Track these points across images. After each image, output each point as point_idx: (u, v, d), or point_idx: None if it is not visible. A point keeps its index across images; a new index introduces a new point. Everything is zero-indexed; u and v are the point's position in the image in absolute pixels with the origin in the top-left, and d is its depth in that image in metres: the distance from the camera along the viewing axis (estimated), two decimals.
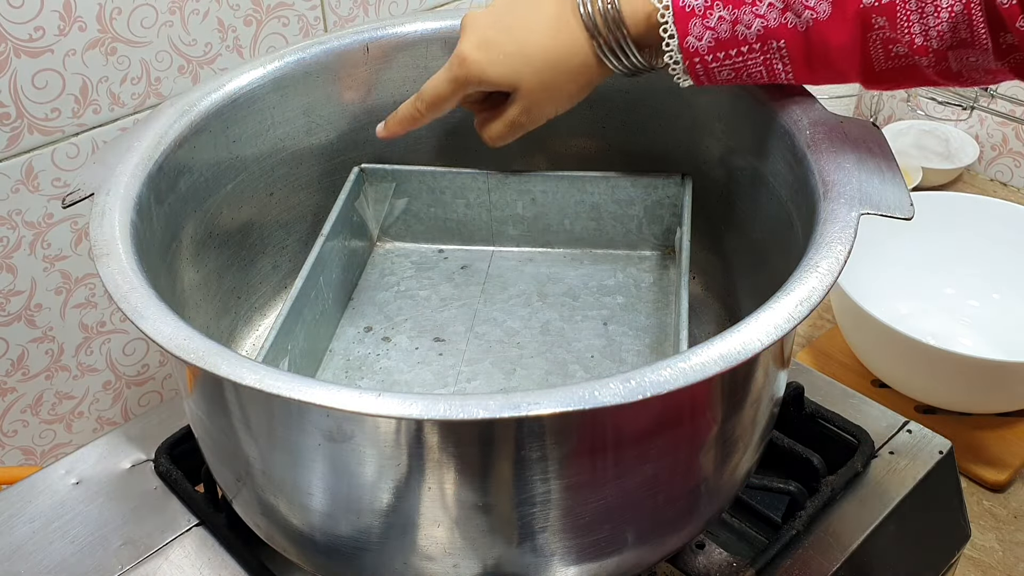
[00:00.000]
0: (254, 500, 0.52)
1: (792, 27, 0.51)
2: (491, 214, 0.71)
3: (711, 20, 0.52)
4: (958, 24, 0.48)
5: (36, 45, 0.70)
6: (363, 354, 0.64)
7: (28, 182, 0.73)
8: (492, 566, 0.48)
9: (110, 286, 0.47)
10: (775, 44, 0.52)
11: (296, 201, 0.71)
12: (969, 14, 0.48)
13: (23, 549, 0.60)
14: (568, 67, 0.57)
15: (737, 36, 0.52)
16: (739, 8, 0.51)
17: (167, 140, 0.59)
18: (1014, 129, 1.29)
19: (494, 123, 0.62)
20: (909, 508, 0.63)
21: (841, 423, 0.67)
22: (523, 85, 0.58)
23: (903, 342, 0.84)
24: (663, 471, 0.48)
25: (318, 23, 0.85)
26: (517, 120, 0.60)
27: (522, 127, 0.61)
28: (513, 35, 0.57)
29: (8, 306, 0.76)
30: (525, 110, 0.60)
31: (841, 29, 0.51)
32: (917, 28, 0.49)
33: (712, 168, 0.68)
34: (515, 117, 0.60)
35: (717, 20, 0.52)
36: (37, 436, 0.83)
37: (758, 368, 0.50)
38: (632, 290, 0.68)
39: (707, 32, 0.52)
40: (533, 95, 0.59)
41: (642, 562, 0.53)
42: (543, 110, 0.60)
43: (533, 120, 0.61)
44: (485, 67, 0.58)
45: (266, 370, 0.42)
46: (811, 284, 0.45)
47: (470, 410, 0.39)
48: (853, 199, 0.50)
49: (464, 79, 0.59)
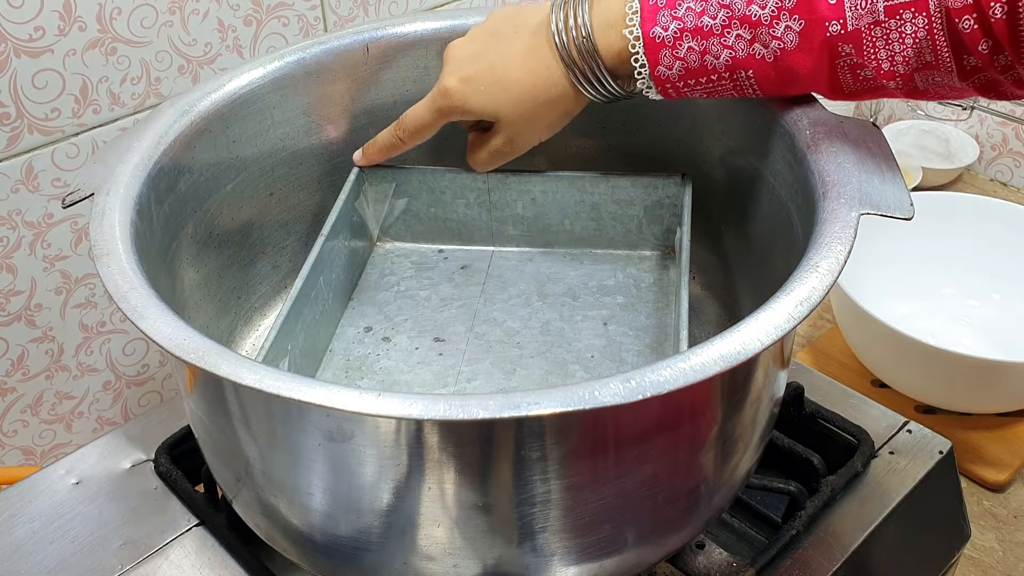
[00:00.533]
0: (254, 500, 0.52)
1: (760, 58, 0.53)
2: (491, 214, 0.71)
3: (680, 51, 0.53)
4: (922, 49, 0.50)
5: (36, 45, 0.70)
6: (363, 354, 0.64)
7: (28, 182, 0.73)
8: (492, 566, 0.48)
9: (110, 286, 0.47)
10: (744, 73, 0.53)
11: (296, 201, 0.71)
12: (933, 39, 0.49)
13: (23, 549, 0.60)
14: (547, 98, 0.59)
15: (706, 66, 0.53)
16: (707, 39, 0.52)
17: (167, 140, 0.59)
18: (1014, 129, 1.29)
19: (479, 151, 0.64)
20: (909, 508, 0.63)
21: (841, 423, 0.67)
22: (504, 116, 0.60)
23: (903, 342, 0.84)
24: (663, 471, 0.48)
25: (318, 23, 0.85)
26: (501, 149, 0.63)
27: (506, 155, 0.64)
28: (493, 69, 0.59)
29: (8, 306, 0.76)
30: (508, 140, 0.62)
31: (808, 57, 0.52)
32: (883, 54, 0.51)
33: (712, 168, 0.68)
34: (499, 146, 0.63)
35: (686, 51, 0.53)
36: (37, 436, 0.83)
37: (758, 368, 0.50)
38: (632, 290, 0.68)
39: (677, 62, 0.54)
40: (515, 126, 0.61)
41: (642, 562, 0.53)
42: (526, 139, 0.62)
43: (516, 149, 0.63)
44: (468, 98, 0.60)
45: (266, 370, 0.42)
46: (811, 284, 0.45)
47: (470, 410, 0.39)
48: (853, 199, 0.50)
49: (448, 109, 0.61)
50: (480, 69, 0.59)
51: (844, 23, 0.50)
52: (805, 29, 0.51)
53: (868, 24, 0.50)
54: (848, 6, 0.50)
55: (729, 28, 0.52)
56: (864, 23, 0.50)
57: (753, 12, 0.51)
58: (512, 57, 0.58)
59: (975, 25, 0.47)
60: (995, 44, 0.48)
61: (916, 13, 0.49)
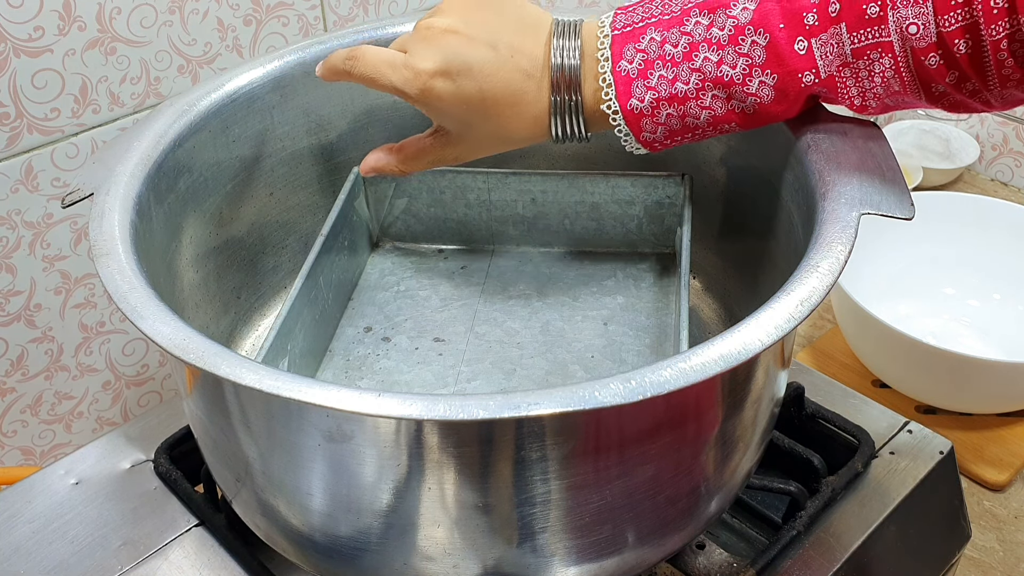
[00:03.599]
0: (254, 500, 0.52)
1: (739, 112, 0.53)
2: (491, 214, 0.71)
3: (660, 117, 0.53)
4: (890, 83, 0.50)
5: (36, 45, 0.70)
6: (363, 354, 0.64)
7: (28, 182, 0.73)
8: (492, 566, 0.48)
9: (110, 286, 0.47)
10: (726, 125, 0.54)
11: (296, 201, 0.71)
12: (900, 76, 0.50)
13: (23, 549, 0.60)
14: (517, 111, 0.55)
15: (688, 125, 0.53)
16: (684, 104, 0.52)
17: (167, 140, 0.59)
18: (1014, 129, 1.29)
19: (425, 157, 0.60)
20: (909, 508, 0.63)
21: (841, 423, 0.67)
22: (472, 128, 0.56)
23: (903, 342, 0.84)
24: (663, 471, 0.48)
25: (318, 23, 0.85)
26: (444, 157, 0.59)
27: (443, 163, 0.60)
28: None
29: (8, 306, 0.76)
30: (459, 153, 0.58)
31: (785, 105, 0.52)
32: (854, 91, 0.51)
33: (712, 168, 0.68)
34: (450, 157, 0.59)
35: (666, 117, 0.53)
36: (37, 436, 0.83)
37: (758, 368, 0.50)
38: (632, 290, 0.68)
39: (659, 127, 0.54)
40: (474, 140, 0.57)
41: (642, 562, 0.53)
42: (473, 152, 0.58)
43: (459, 158, 0.59)
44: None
45: (266, 370, 0.42)
46: (811, 284, 0.45)
47: (470, 410, 0.39)
48: (853, 199, 0.50)
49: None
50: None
51: (816, 71, 0.51)
52: (779, 83, 0.51)
53: (838, 67, 0.50)
54: (818, 54, 0.50)
55: (703, 91, 0.52)
56: (835, 66, 0.50)
57: (724, 73, 0.51)
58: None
59: (940, 61, 0.48)
60: (961, 75, 0.48)
61: (883, 54, 0.49)
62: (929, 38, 0.47)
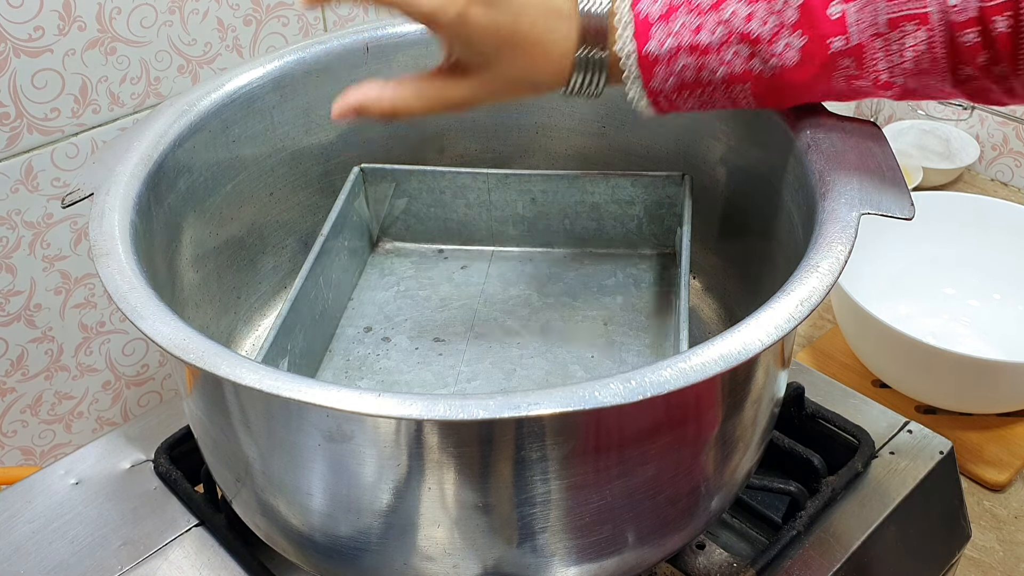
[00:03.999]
0: (254, 500, 0.52)
1: (757, 73, 0.51)
2: (491, 214, 0.71)
3: (676, 66, 0.52)
4: (920, 59, 0.49)
5: (36, 45, 0.70)
6: (363, 354, 0.64)
7: (28, 182, 0.73)
8: (492, 566, 0.48)
9: (110, 286, 0.47)
10: (739, 87, 0.52)
11: (296, 201, 0.71)
12: (932, 52, 0.48)
13: (23, 549, 0.60)
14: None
15: (702, 80, 0.52)
16: (705, 56, 0.51)
17: (167, 140, 0.59)
18: (1015, 129, 1.29)
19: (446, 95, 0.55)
20: (909, 508, 0.63)
21: (841, 423, 0.67)
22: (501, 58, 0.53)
23: (903, 342, 0.83)
24: (663, 471, 0.48)
25: (318, 23, 0.85)
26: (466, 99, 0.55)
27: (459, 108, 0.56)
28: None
29: (8, 306, 0.76)
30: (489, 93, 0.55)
31: (807, 72, 0.51)
32: (883, 65, 0.50)
33: (712, 168, 0.68)
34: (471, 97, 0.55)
35: (681, 68, 0.51)
36: (37, 436, 0.83)
37: (758, 368, 0.50)
38: (632, 290, 0.68)
39: (671, 78, 0.52)
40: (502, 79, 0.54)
41: (642, 562, 0.53)
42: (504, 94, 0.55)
43: (466, 101, 0.55)
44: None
45: (266, 370, 0.42)
46: (811, 284, 0.45)
47: (470, 410, 0.39)
48: (853, 199, 0.50)
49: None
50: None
51: (848, 38, 0.49)
52: (807, 46, 0.50)
53: (871, 36, 0.49)
54: (851, 20, 0.49)
55: (727, 45, 0.50)
56: (867, 35, 0.49)
57: (752, 29, 0.50)
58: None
59: (977, 38, 0.47)
60: (994, 56, 0.47)
61: (919, 26, 0.48)
62: (969, 12, 0.46)
